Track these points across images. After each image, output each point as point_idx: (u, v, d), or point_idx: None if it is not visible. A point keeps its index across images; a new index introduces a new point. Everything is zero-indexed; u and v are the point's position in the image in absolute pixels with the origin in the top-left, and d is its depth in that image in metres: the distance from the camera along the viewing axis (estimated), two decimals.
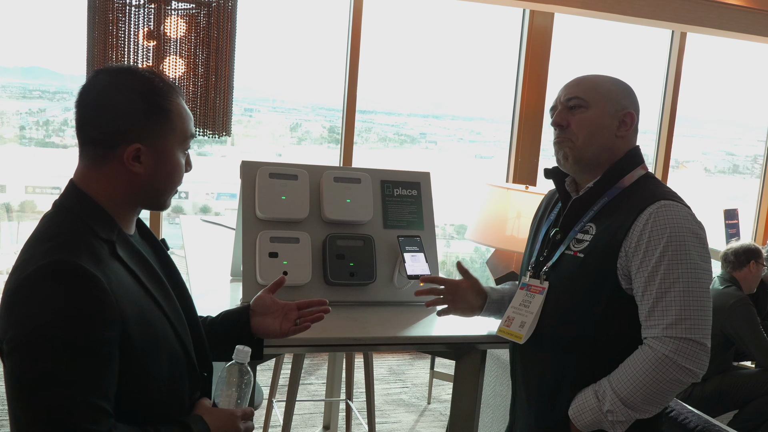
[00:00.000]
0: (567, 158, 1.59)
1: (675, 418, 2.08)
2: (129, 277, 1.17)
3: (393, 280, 2.09)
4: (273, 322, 1.52)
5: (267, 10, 4.41)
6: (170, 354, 1.21)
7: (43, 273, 1.06)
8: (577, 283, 1.55)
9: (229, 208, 4.86)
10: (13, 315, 1.06)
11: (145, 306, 1.18)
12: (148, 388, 1.17)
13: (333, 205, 2.05)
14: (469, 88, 5.16)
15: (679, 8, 4.62)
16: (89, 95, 1.20)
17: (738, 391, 3.30)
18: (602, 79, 1.61)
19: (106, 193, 1.19)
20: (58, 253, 1.08)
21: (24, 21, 4.19)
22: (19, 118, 4.52)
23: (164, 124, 1.20)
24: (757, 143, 5.92)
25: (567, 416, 1.54)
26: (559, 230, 1.63)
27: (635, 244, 1.47)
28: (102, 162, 1.18)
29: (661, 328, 1.43)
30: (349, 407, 3.14)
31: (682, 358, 1.41)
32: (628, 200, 1.54)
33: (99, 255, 1.12)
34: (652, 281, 1.44)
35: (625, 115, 1.58)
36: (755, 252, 3.41)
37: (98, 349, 1.06)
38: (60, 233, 1.13)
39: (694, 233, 1.46)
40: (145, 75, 1.22)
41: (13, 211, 4.58)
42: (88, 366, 1.04)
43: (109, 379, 1.07)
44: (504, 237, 3.29)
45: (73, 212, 1.17)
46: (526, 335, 1.61)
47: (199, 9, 2.29)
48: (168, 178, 1.24)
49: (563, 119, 1.59)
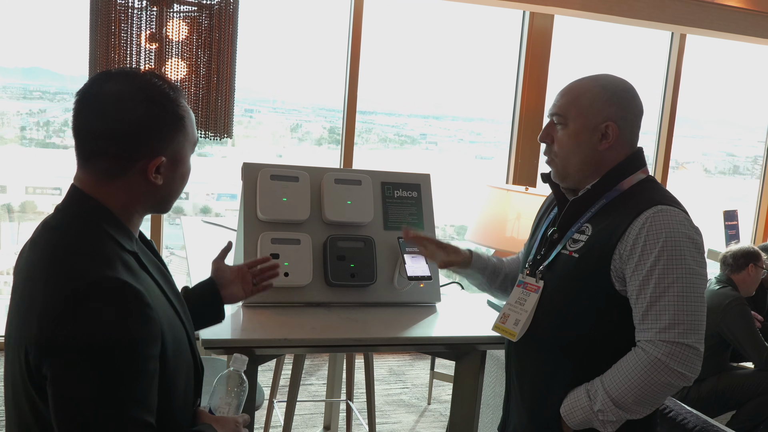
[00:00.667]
0: (555, 176, 1.64)
1: (674, 418, 2.09)
2: (156, 288, 1.16)
3: (393, 282, 2.10)
4: (237, 289, 1.68)
5: (267, 11, 4.42)
6: (187, 364, 1.22)
7: (92, 291, 1.02)
8: (571, 282, 1.56)
9: (230, 209, 4.87)
10: (62, 333, 1.01)
11: (171, 317, 1.17)
12: (173, 401, 1.16)
13: (334, 206, 2.06)
14: (469, 88, 5.17)
15: (678, 10, 4.63)
16: (98, 104, 1.12)
17: (735, 392, 3.30)
18: (587, 87, 1.57)
19: (121, 203, 1.15)
20: (101, 269, 1.05)
21: (24, 21, 4.20)
22: (19, 118, 4.53)
23: (180, 132, 1.17)
24: (758, 144, 5.92)
25: (559, 414, 1.55)
26: (556, 230, 1.64)
27: (630, 247, 1.47)
28: (118, 174, 1.13)
29: (654, 332, 1.44)
30: (349, 408, 3.15)
31: (674, 362, 1.42)
32: (626, 203, 1.54)
33: (132, 268, 1.10)
34: (646, 285, 1.45)
35: (606, 128, 1.55)
36: (754, 255, 3.41)
37: (148, 366, 1.05)
38: (90, 245, 1.09)
39: (690, 238, 1.47)
40: (156, 82, 1.16)
41: (14, 212, 4.58)
42: (138, 383, 1.04)
43: (154, 394, 1.07)
44: (504, 238, 3.30)
45: (90, 222, 1.12)
46: (520, 333, 1.62)
47: (200, 12, 2.30)
48: (181, 184, 1.22)
49: (547, 135, 1.61)
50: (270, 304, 1.97)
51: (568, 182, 1.63)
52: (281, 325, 1.85)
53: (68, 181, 1.19)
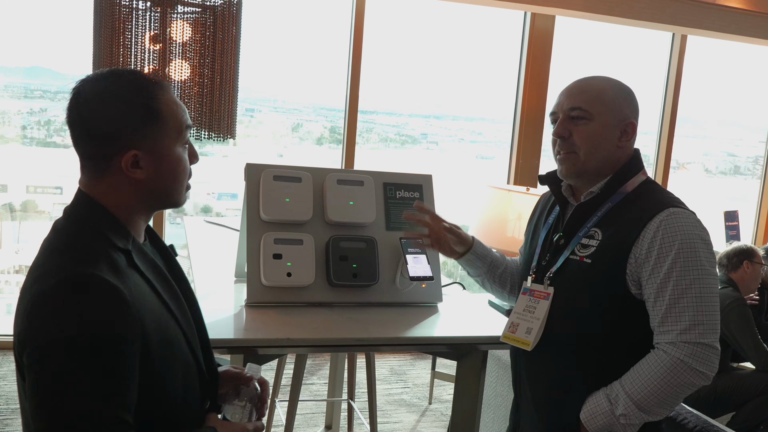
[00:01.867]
0: (570, 171, 1.60)
1: (674, 418, 2.09)
2: (146, 287, 1.15)
3: (395, 282, 2.11)
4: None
5: (269, 11, 4.42)
6: (184, 364, 1.21)
7: (65, 286, 1.04)
8: (585, 287, 1.56)
9: (230, 209, 4.87)
10: (34, 328, 1.03)
11: (161, 317, 1.16)
12: (164, 400, 1.15)
13: (336, 207, 2.07)
14: (470, 88, 5.17)
15: (679, 11, 4.63)
16: (76, 109, 1.15)
17: (734, 393, 3.31)
18: (605, 86, 1.58)
19: (115, 202, 1.17)
20: (79, 266, 1.06)
21: (26, 21, 4.21)
22: (21, 117, 4.53)
23: (155, 124, 1.16)
24: (758, 144, 5.93)
25: (577, 420, 1.55)
26: (562, 235, 1.64)
27: (646, 250, 1.48)
28: (103, 173, 1.16)
29: (675, 334, 1.45)
30: (351, 407, 3.16)
31: (696, 362, 1.44)
32: (633, 206, 1.55)
33: (118, 265, 1.10)
34: (664, 288, 1.46)
35: (627, 125, 1.57)
36: (747, 252, 3.42)
37: (121, 362, 1.04)
38: (77, 244, 1.11)
39: (703, 239, 1.49)
40: (128, 77, 1.17)
41: (15, 211, 4.59)
42: (111, 379, 1.03)
43: (131, 392, 1.06)
44: (505, 238, 3.30)
45: (88, 222, 1.15)
46: (534, 341, 1.61)
47: (204, 13, 2.31)
48: (172, 176, 1.21)
49: (565, 130, 1.57)
50: (272, 303, 1.98)
51: (582, 179, 1.61)
52: (283, 325, 1.85)
53: (69, 181, 1.23)
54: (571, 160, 1.58)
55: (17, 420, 3.29)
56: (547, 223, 1.72)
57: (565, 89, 1.62)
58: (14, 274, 4.78)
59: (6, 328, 4.34)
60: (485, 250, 1.90)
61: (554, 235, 1.66)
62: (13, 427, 3.23)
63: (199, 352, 1.27)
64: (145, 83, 1.17)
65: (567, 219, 1.65)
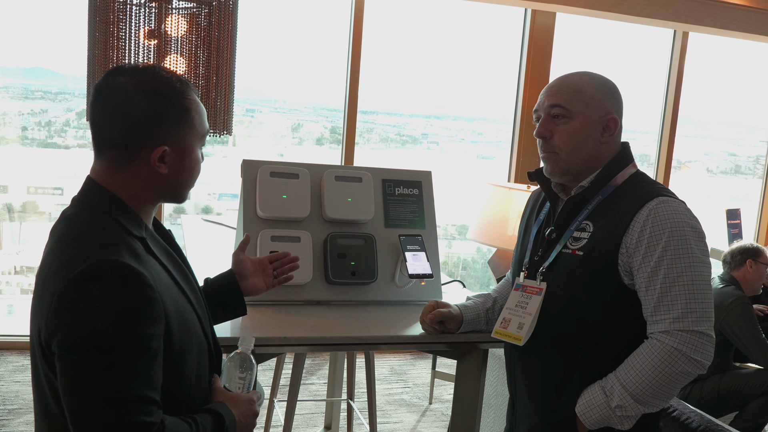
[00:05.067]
0: (554, 170, 1.61)
1: (677, 417, 2.07)
2: (164, 272, 1.21)
3: (394, 279, 2.09)
4: (257, 281, 1.68)
5: (268, 11, 4.42)
6: (198, 343, 1.26)
7: (92, 273, 1.08)
8: (579, 280, 1.55)
9: (231, 209, 4.86)
10: (64, 317, 1.07)
11: (179, 300, 1.22)
12: (182, 379, 1.21)
13: (334, 203, 2.05)
14: (470, 88, 5.16)
15: (681, 8, 4.61)
16: (108, 97, 1.19)
17: (737, 392, 3.29)
18: (584, 82, 1.58)
19: (131, 191, 1.21)
20: (103, 253, 1.10)
21: (26, 22, 4.20)
22: (21, 118, 4.53)
23: (186, 123, 1.22)
24: (760, 144, 5.91)
25: (573, 414, 1.54)
26: (554, 229, 1.63)
27: (636, 239, 1.48)
28: (126, 163, 1.20)
29: (668, 322, 1.45)
30: (350, 407, 3.14)
31: (690, 350, 1.43)
32: (624, 197, 1.55)
33: (137, 252, 1.15)
34: (655, 276, 1.46)
35: (609, 121, 1.57)
36: (752, 251, 3.39)
37: (149, 344, 1.09)
38: (97, 232, 1.15)
39: (693, 227, 1.49)
40: (165, 75, 1.23)
41: (15, 212, 4.58)
42: (141, 361, 1.08)
43: (158, 372, 1.12)
44: (506, 237, 3.29)
45: (103, 210, 1.18)
46: (526, 337, 1.61)
47: (200, 8, 2.29)
48: (189, 175, 1.27)
49: (546, 130, 1.58)
50: (270, 302, 1.96)
51: (567, 177, 1.61)
52: (281, 324, 1.84)
53: (70, 181, 1.26)
54: (554, 160, 1.59)
55: (14, 420, 3.28)
56: (539, 219, 1.72)
57: (546, 87, 1.62)
58: (14, 275, 4.78)
59: (6, 329, 4.32)
60: (474, 310, 1.85)
61: (546, 230, 1.66)
62: (10, 428, 3.21)
63: (209, 331, 1.33)
64: (180, 83, 1.23)
65: (558, 213, 1.64)
